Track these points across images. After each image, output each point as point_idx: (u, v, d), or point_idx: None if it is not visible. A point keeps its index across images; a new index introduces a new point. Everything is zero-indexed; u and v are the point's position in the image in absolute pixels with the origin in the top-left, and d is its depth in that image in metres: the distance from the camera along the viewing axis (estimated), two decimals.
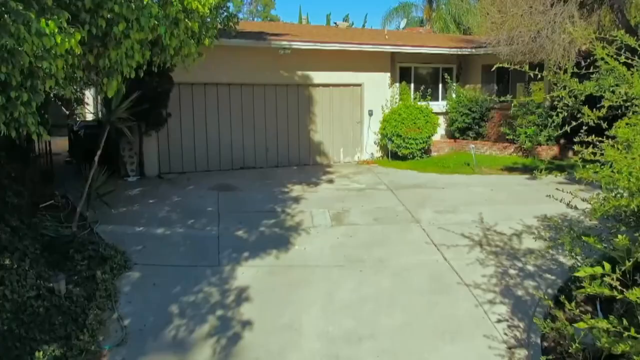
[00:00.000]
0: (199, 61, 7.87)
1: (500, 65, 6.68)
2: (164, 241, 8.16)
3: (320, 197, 10.87)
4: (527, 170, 13.25)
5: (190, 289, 6.52)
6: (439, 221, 8.97)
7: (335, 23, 21.69)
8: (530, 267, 6.93)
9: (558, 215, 9.04)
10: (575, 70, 5.66)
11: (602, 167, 4.70)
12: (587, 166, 4.86)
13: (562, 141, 14.83)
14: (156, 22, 5.41)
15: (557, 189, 6.03)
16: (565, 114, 5.54)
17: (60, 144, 14.92)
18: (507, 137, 15.41)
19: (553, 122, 5.74)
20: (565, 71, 5.36)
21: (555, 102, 14.94)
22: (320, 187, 11.82)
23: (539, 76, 6.41)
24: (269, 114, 14.65)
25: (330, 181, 12.55)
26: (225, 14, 8.69)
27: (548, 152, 14.65)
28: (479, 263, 7.10)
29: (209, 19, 6.99)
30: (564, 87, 5.45)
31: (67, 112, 17.43)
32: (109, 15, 5.04)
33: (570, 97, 5.50)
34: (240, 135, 14.32)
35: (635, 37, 5.01)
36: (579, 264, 6.03)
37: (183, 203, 10.37)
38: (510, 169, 13.45)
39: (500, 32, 11.93)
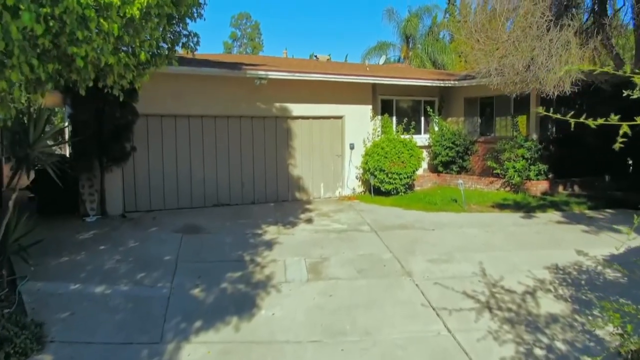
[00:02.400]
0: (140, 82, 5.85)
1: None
2: (100, 304, 6.08)
3: (297, 241, 8.89)
4: (519, 207, 11.43)
5: None
6: (434, 274, 7.02)
7: (316, 56, 20.03)
8: (560, 345, 4.96)
9: (570, 264, 7.21)
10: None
11: None
12: None
13: (550, 175, 13.10)
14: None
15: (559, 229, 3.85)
16: None
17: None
18: (494, 171, 13.65)
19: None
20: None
21: (549, 134, 13.32)
22: (297, 229, 9.84)
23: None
24: (245, 147, 12.73)
25: (309, 221, 10.59)
26: (180, 28, 6.77)
27: (538, 187, 12.88)
28: (493, 337, 5.12)
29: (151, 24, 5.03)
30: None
31: None
32: None
33: None
34: (214, 170, 12.35)
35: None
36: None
37: (138, 250, 8.31)
38: (501, 206, 11.61)
39: (491, 60, 10.22)
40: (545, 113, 3.07)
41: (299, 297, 6.29)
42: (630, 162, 14.22)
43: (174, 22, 6.68)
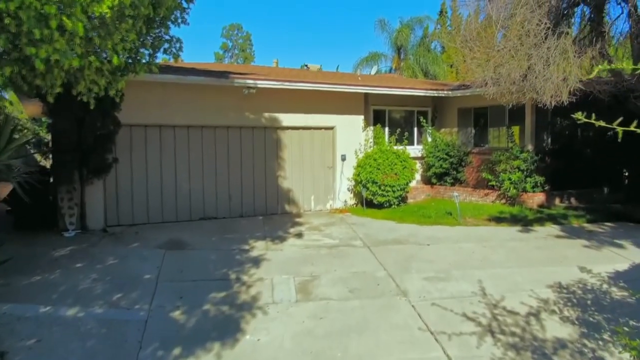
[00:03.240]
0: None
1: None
2: (71, 329, 5.58)
3: (286, 257, 8.44)
4: (516, 220, 11.07)
5: None
6: (430, 293, 6.60)
7: (306, 65, 19.68)
8: None
9: (574, 282, 6.82)
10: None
11: None
12: None
13: (547, 187, 12.77)
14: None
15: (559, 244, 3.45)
16: None
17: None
18: (489, 183, 13.31)
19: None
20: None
21: (545, 145, 13.01)
22: (286, 244, 9.39)
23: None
24: (232, 158, 12.29)
25: (299, 235, 10.15)
26: (162, 32, 6.36)
27: (534, 199, 12.54)
28: None
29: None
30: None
31: None
32: None
33: None
34: (201, 182, 11.89)
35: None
36: None
37: (117, 268, 7.81)
38: (498, 220, 11.24)
39: (486, 69, 9.90)
40: (585, 120, 2.66)
41: (287, 321, 5.83)
42: (627, 173, 13.95)
43: (155, 25, 6.27)
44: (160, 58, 6.88)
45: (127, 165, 11.07)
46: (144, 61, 6.48)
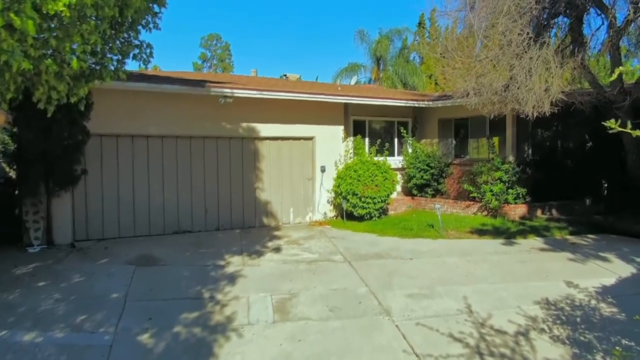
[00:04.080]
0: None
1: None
2: (27, 357, 5.11)
3: (263, 273, 8.06)
4: (498, 233, 10.89)
5: None
6: (415, 312, 6.30)
7: (285, 75, 19.40)
8: None
9: (562, 298, 6.61)
10: None
11: None
12: None
13: (528, 199, 12.66)
14: None
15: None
16: None
17: None
18: (470, 195, 13.14)
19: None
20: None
21: (525, 156, 12.92)
22: (264, 259, 9.02)
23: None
24: (209, 170, 11.89)
25: (277, 249, 9.78)
26: (131, 37, 6.00)
27: (516, 211, 12.40)
28: None
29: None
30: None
31: None
32: None
33: None
34: (175, 194, 11.46)
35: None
36: None
37: (83, 286, 7.34)
38: (480, 232, 11.04)
39: (468, 79, 9.74)
40: (619, 128, 2.39)
41: (263, 343, 5.46)
42: (605, 184, 13.95)
43: (123, 29, 5.91)
44: (131, 64, 6.49)
45: (97, 177, 10.59)
46: (112, 67, 6.10)
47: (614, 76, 2.76)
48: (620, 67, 2.58)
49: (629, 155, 11.00)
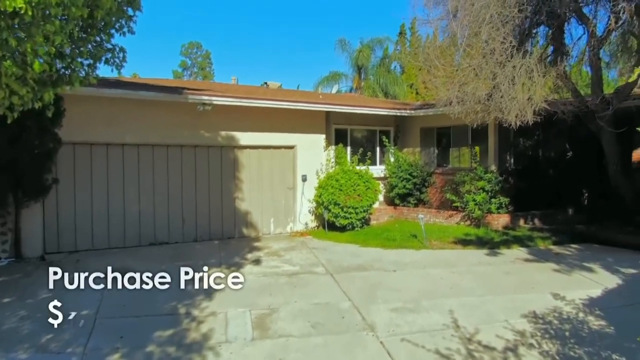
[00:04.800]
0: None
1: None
2: None
3: (242, 287, 7.76)
4: (482, 243, 10.77)
5: None
6: (400, 327, 6.07)
7: (266, 83, 19.18)
8: None
9: (549, 311, 6.45)
10: None
11: None
12: None
13: (511, 208, 12.60)
14: None
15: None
16: None
17: None
18: (453, 204, 13.04)
19: None
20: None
21: (507, 165, 12.88)
22: (243, 272, 8.70)
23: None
24: (186, 179, 11.56)
25: (257, 261, 9.49)
26: (102, 40, 5.71)
27: (499, 220, 12.32)
28: None
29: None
30: None
31: None
32: None
33: None
34: (151, 204, 11.09)
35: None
36: None
37: (51, 302, 6.96)
38: (464, 242, 10.90)
39: (451, 88, 9.64)
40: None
41: None
42: (587, 194, 13.99)
43: (94, 32, 5.62)
44: (103, 69, 6.19)
45: (69, 187, 10.19)
46: (82, 72, 5.80)
47: (633, 77, 2.61)
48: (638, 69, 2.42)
49: (610, 165, 11.00)
